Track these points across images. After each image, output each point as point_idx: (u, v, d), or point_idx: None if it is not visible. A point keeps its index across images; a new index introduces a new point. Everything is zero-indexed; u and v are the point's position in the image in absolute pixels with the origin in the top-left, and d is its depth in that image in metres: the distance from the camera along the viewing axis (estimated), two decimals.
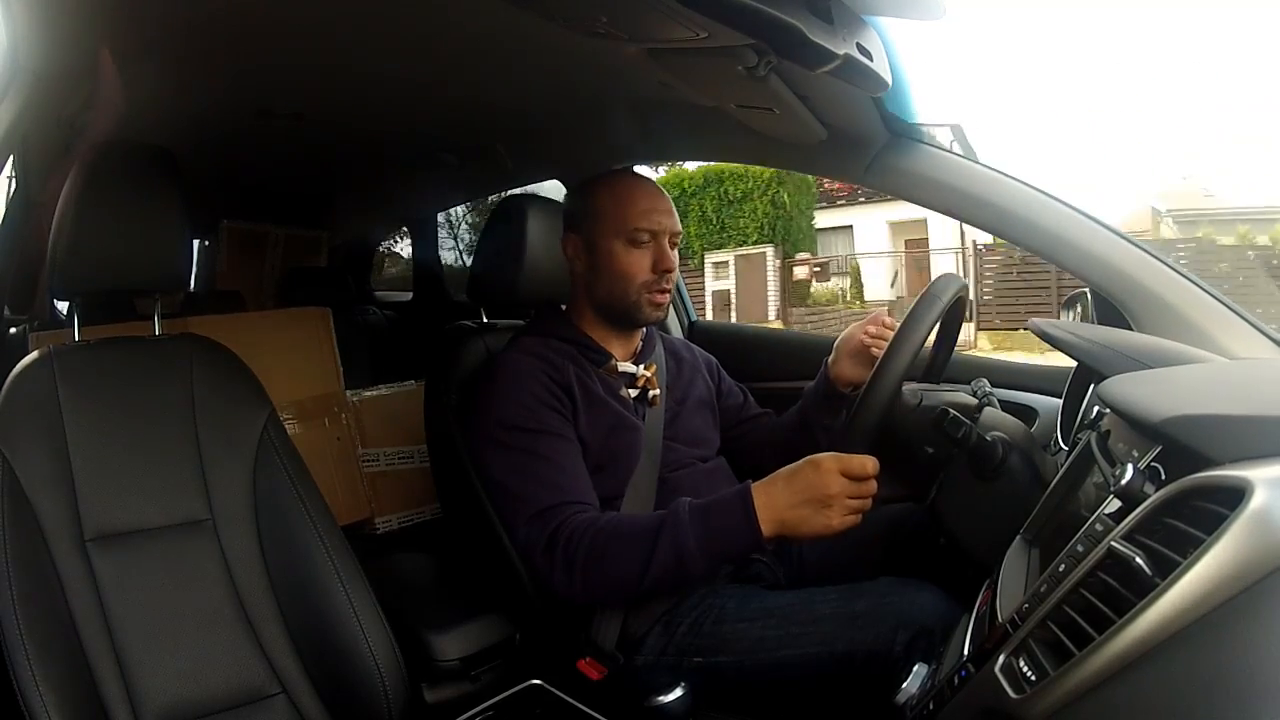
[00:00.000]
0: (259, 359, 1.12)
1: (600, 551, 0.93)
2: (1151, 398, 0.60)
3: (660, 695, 0.94)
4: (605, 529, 0.95)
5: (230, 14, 1.01)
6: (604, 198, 1.11)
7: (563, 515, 0.97)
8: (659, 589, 0.94)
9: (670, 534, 0.91)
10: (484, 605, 1.12)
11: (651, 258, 1.09)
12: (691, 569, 0.91)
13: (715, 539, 0.90)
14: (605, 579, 0.94)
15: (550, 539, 0.96)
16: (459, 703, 1.03)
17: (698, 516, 0.91)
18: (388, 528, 1.82)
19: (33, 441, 0.92)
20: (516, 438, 1.01)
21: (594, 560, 0.93)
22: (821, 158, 1.18)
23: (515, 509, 1.00)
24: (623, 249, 1.08)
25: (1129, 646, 0.44)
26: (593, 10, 0.81)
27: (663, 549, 0.91)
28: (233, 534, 1.00)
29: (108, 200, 0.96)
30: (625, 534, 0.94)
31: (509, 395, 1.03)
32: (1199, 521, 0.46)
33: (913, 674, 0.76)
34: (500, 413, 1.03)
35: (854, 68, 0.83)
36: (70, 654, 0.87)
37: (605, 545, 0.94)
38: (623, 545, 0.93)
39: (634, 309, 1.10)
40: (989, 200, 1.04)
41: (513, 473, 1.01)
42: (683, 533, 0.90)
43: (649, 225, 1.08)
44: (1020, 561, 0.73)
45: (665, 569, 0.91)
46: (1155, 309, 0.96)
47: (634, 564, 0.92)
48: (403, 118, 1.50)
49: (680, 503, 0.94)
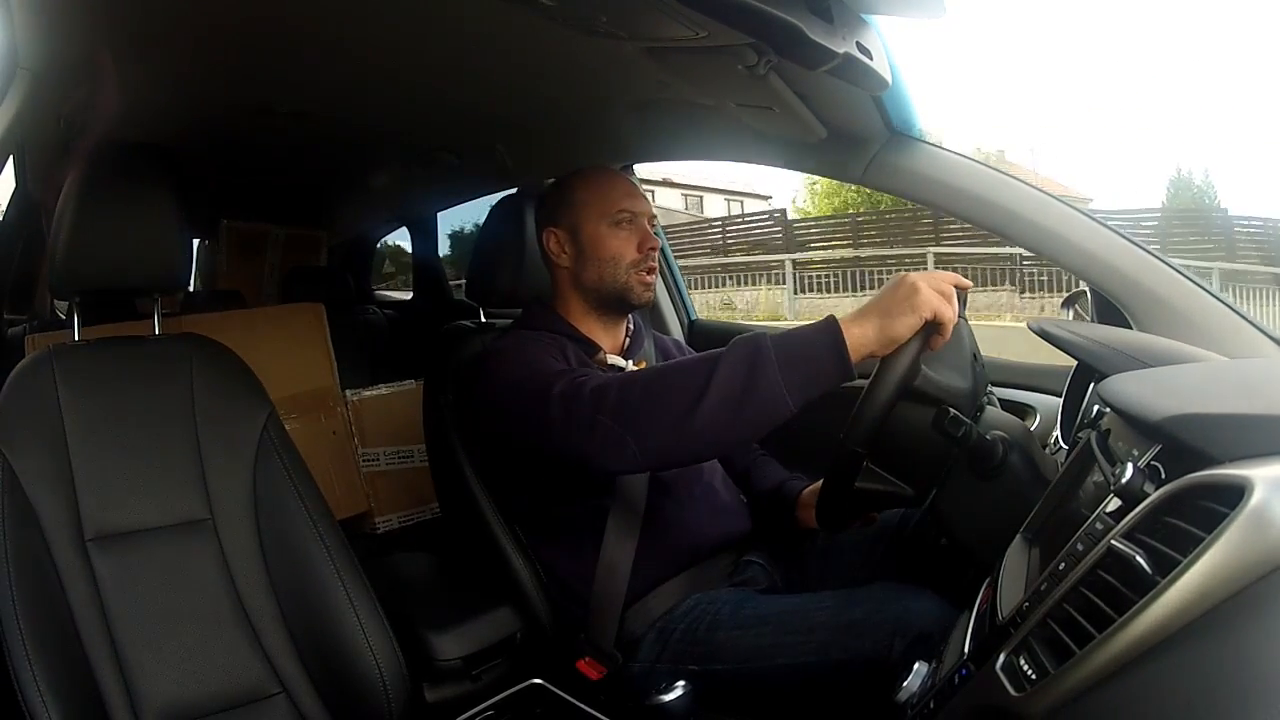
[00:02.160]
0: (253, 355, 1.12)
1: (648, 391, 0.85)
2: (1151, 396, 0.60)
3: (660, 694, 0.94)
4: (647, 372, 0.89)
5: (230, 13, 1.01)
6: (582, 188, 1.14)
7: (588, 379, 0.90)
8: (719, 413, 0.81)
9: (744, 349, 0.81)
10: (484, 604, 1.12)
11: (636, 238, 1.11)
12: (762, 388, 0.79)
13: (796, 359, 0.80)
14: (659, 418, 0.83)
15: (587, 401, 0.87)
16: (459, 702, 1.03)
17: (777, 339, 0.82)
18: (388, 527, 1.82)
19: (33, 441, 0.92)
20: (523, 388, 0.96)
21: (644, 402, 0.84)
22: (821, 157, 1.18)
23: (539, 405, 0.91)
24: (608, 231, 1.11)
25: (1129, 645, 0.44)
26: (593, 10, 0.81)
27: (729, 363, 0.81)
28: (233, 533, 1.00)
29: (107, 200, 0.96)
30: (676, 367, 0.87)
31: (506, 365, 1.01)
32: (1199, 520, 0.46)
33: (913, 672, 0.75)
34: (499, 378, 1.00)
35: (854, 67, 0.83)
36: (70, 653, 0.87)
37: (653, 383, 0.85)
38: (673, 376, 0.85)
39: (624, 290, 1.11)
40: (989, 199, 1.05)
41: (523, 394, 0.94)
42: (761, 345, 0.81)
43: (630, 206, 1.11)
44: (1020, 560, 0.73)
45: (731, 385, 0.80)
46: (1155, 308, 0.96)
47: (691, 385, 0.81)
48: (403, 118, 1.50)
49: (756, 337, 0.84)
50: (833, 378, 0.80)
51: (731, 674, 0.93)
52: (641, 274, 1.11)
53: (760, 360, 0.80)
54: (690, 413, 0.81)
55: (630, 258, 1.10)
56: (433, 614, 1.12)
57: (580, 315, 1.14)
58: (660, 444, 0.84)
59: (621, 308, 1.14)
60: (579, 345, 1.11)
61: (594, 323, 1.14)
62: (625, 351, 1.16)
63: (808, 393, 0.80)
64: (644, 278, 1.11)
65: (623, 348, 1.16)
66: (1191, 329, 0.93)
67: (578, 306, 1.14)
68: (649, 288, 1.12)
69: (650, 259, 1.12)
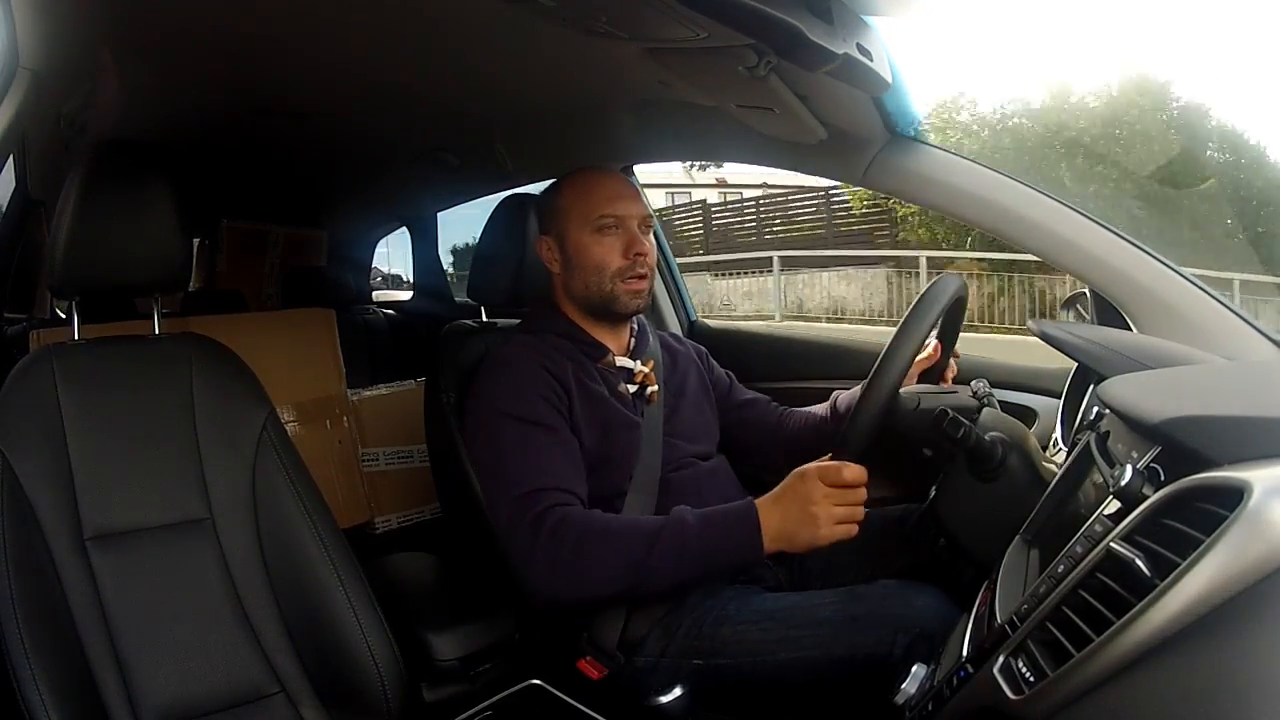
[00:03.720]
0: (261, 359, 1.12)
1: (587, 547, 0.92)
2: (1151, 398, 0.60)
3: (659, 695, 0.94)
4: (596, 525, 0.94)
5: (230, 14, 1.01)
6: (566, 194, 1.12)
7: (550, 500, 0.95)
8: (640, 592, 0.94)
9: (672, 537, 0.91)
10: (483, 605, 1.12)
11: (622, 244, 1.08)
12: (688, 575, 0.91)
13: (717, 549, 0.90)
14: (587, 575, 0.92)
15: (535, 523, 0.94)
16: (458, 702, 1.03)
17: (703, 524, 0.91)
18: (387, 527, 1.82)
19: (32, 440, 0.92)
20: (509, 425, 1.01)
21: (579, 554, 0.92)
22: (821, 158, 1.18)
23: (501, 489, 0.99)
24: (591, 239, 1.09)
25: (1128, 647, 0.44)
26: (593, 10, 0.81)
27: (660, 553, 0.90)
28: (232, 533, 1.00)
29: (107, 200, 0.96)
30: (617, 533, 0.94)
31: (505, 386, 1.03)
32: (1198, 523, 0.45)
33: (911, 675, 0.76)
34: (495, 402, 1.03)
35: (854, 68, 0.83)
36: (69, 652, 0.87)
37: (594, 541, 0.92)
38: (613, 543, 0.92)
39: (610, 299, 1.09)
40: (989, 200, 1.04)
41: (501, 457, 1.00)
42: (687, 537, 0.90)
43: (613, 211, 1.08)
44: (1019, 562, 0.73)
45: (658, 574, 0.91)
46: (1154, 310, 0.96)
47: (622, 562, 0.91)
48: (403, 118, 1.50)
49: (683, 509, 0.94)
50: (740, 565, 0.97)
51: (734, 669, 0.93)
52: (629, 283, 1.08)
53: (687, 558, 0.90)
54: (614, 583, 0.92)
55: (615, 265, 1.08)
56: (432, 614, 1.11)
57: (580, 320, 1.14)
58: (574, 593, 0.94)
59: (611, 318, 1.13)
60: (584, 348, 1.11)
61: (594, 325, 1.13)
62: (632, 352, 1.15)
63: (713, 576, 0.95)
64: (632, 285, 1.09)
65: (628, 348, 1.16)
66: (1191, 331, 0.93)
67: (575, 312, 1.14)
68: (637, 295, 1.10)
69: (638, 265, 1.08)
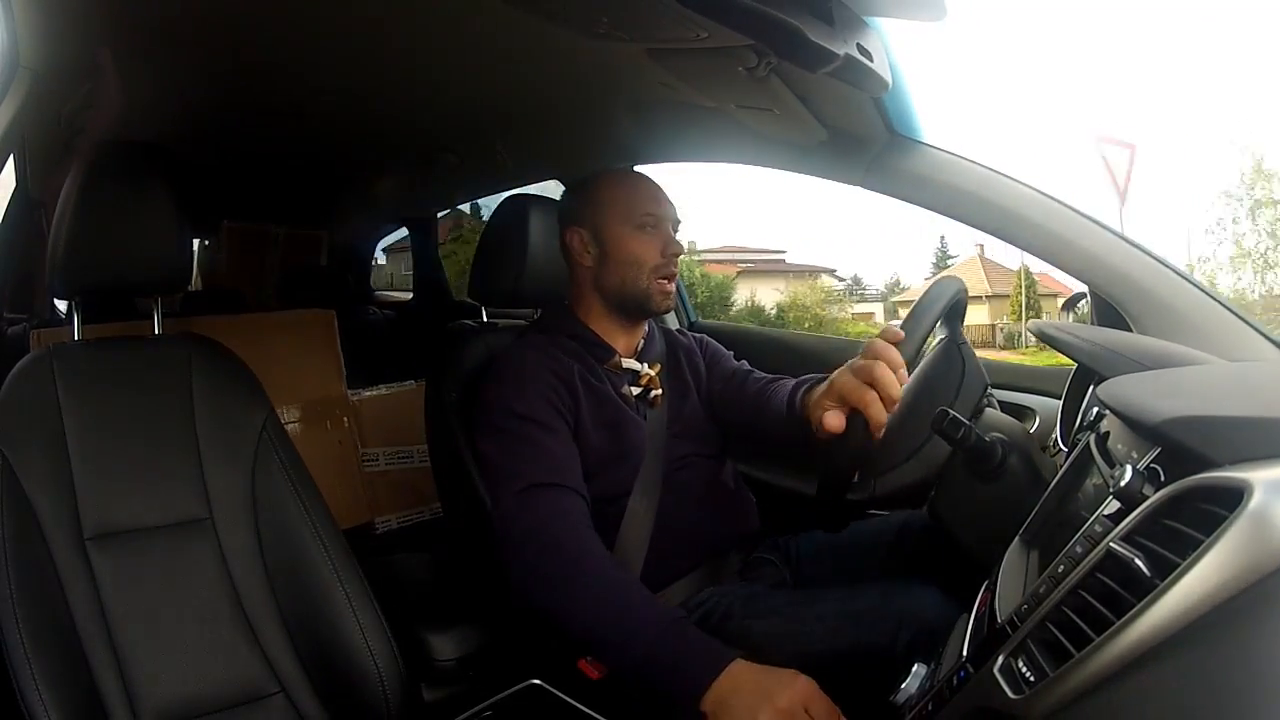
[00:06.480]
0: (262, 360, 1.12)
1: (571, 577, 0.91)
2: (1151, 399, 0.60)
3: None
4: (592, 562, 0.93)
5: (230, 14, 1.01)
6: (610, 188, 1.14)
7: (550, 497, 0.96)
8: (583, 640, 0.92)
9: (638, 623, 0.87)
10: (483, 605, 1.12)
11: (659, 243, 1.10)
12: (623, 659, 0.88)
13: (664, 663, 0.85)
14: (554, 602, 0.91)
15: (532, 528, 0.94)
16: (458, 702, 1.03)
17: (676, 632, 0.87)
18: (387, 527, 1.82)
19: (32, 440, 0.92)
20: (514, 423, 1.01)
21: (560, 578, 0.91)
22: (821, 159, 1.18)
23: (503, 482, 0.99)
24: (632, 235, 1.10)
25: (1128, 648, 0.44)
26: (593, 11, 0.81)
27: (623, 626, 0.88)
28: (231, 533, 1.00)
29: (107, 200, 0.96)
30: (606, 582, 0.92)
31: (512, 386, 1.04)
32: (1198, 523, 0.45)
33: (911, 674, 0.75)
34: (502, 401, 1.03)
35: (854, 68, 0.83)
36: (69, 652, 0.87)
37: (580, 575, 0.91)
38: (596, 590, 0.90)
39: (644, 297, 1.11)
40: (989, 201, 1.04)
41: (505, 452, 1.00)
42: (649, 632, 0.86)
43: (655, 210, 1.11)
44: (1019, 562, 0.73)
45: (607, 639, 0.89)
46: (1155, 310, 0.96)
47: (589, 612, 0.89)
48: (403, 117, 1.50)
49: (674, 610, 0.95)
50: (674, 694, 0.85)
51: None
52: (662, 281, 1.11)
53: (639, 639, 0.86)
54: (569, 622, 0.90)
55: (652, 262, 1.10)
56: (431, 614, 1.11)
57: (598, 317, 1.14)
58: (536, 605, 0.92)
59: (641, 314, 1.14)
60: (591, 349, 1.11)
61: (611, 324, 1.14)
62: (640, 354, 1.16)
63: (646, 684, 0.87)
64: (663, 285, 1.11)
65: (637, 350, 1.16)
66: (1191, 331, 0.93)
67: (597, 308, 1.14)
68: (668, 296, 1.12)
69: (672, 264, 1.11)
